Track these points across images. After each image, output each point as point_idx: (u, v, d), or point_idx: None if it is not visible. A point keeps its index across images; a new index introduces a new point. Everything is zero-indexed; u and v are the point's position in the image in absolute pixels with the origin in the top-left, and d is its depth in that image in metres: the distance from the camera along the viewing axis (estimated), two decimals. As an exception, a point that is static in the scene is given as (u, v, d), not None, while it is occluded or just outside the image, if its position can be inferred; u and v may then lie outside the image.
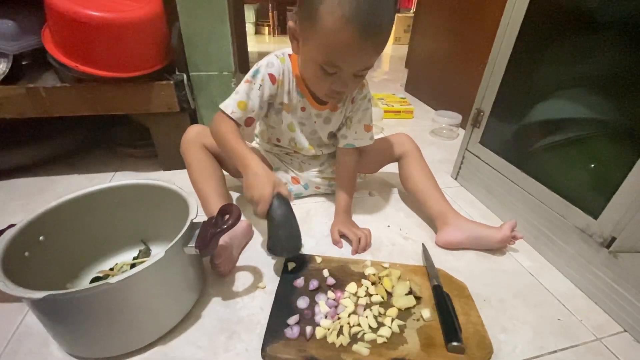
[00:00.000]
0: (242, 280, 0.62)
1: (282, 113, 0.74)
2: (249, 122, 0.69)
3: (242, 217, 0.70)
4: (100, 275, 0.60)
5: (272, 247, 0.59)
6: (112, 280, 0.40)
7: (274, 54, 0.69)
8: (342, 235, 0.72)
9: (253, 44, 3.43)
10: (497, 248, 0.70)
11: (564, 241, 0.66)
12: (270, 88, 0.68)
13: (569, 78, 0.70)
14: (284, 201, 0.58)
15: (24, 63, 0.85)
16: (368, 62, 0.59)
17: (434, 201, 0.75)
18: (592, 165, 0.66)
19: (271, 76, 0.67)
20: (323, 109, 0.74)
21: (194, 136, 0.74)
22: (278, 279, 0.61)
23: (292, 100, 0.72)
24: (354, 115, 0.76)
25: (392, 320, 0.52)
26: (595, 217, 0.59)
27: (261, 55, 0.72)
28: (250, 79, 0.67)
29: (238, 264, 0.66)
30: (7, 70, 0.80)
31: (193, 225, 0.52)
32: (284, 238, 0.58)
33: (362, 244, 0.69)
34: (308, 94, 0.71)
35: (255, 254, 0.68)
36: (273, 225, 0.57)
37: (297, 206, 0.84)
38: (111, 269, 0.61)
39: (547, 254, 0.70)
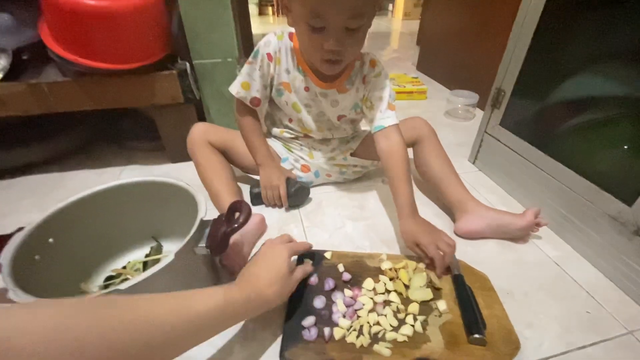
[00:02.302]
0: (255, 276, 0.61)
1: (284, 93, 0.72)
2: (255, 102, 0.72)
3: (254, 212, 0.69)
4: (114, 274, 0.59)
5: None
6: (121, 286, 0.39)
7: (272, 32, 0.69)
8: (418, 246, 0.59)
9: (257, 26, 3.33)
10: (519, 236, 0.67)
11: (592, 229, 0.62)
12: (269, 67, 0.69)
13: (601, 52, 0.64)
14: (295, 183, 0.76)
15: (24, 58, 0.83)
16: (352, 6, 0.53)
17: (452, 188, 0.71)
18: (626, 147, 0.61)
19: (268, 55, 0.68)
20: (328, 88, 0.70)
21: (199, 135, 0.73)
22: (292, 274, 0.59)
23: (293, 80, 0.70)
24: (372, 94, 0.71)
25: (414, 317, 0.50)
26: (629, 203, 0.55)
27: (266, 37, 0.70)
28: (252, 59, 0.68)
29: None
30: (9, 65, 0.79)
31: (203, 223, 0.50)
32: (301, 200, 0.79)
33: (446, 260, 0.56)
34: (310, 72, 0.69)
35: (268, 249, 0.67)
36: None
37: (310, 199, 0.81)
38: (124, 267, 0.61)
39: (574, 243, 0.66)
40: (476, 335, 0.47)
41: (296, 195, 0.76)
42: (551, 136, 0.71)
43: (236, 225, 0.48)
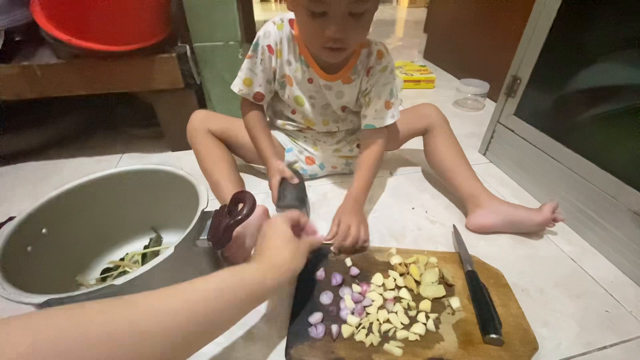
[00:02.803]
0: (259, 269, 0.59)
1: (286, 86, 0.68)
2: (259, 97, 0.69)
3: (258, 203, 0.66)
4: (111, 266, 0.57)
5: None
6: (117, 282, 0.36)
7: (271, 21, 0.64)
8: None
9: (259, 12, 3.25)
10: (534, 231, 0.64)
11: (612, 225, 0.59)
12: (270, 60, 0.65)
13: (626, 37, 0.60)
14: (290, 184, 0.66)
15: (16, 39, 0.79)
16: None
17: (465, 180, 0.68)
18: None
19: (269, 47, 0.63)
20: (333, 79, 0.66)
21: (199, 123, 0.70)
22: (297, 268, 0.57)
23: (295, 72, 0.66)
24: (372, 89, 0.67)
25: (426, 315, 0.48)
26: (655, 198, 0.52)
27: (268, 25, 0.65)
28: (252, 53, 0.65)
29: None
30: (0, 47, 0.75)
31: (204, 215, 0.47)
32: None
33: (340, 237, 0.57)
34: (313, 62, 0.64)
35: (272, 241, 0.64)
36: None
37: (313, 188, 0.79)
38: (122, 259, 0.58)
39: (591, 238, 0.63)
40: (493, 335, 0.45)
41: (286, 202, 0.65)
42: (570, 127, 0.68)
43: (239, 217, 0.45)
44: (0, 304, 0.37)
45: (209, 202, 0.49)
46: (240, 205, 0.47)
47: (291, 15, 0.62)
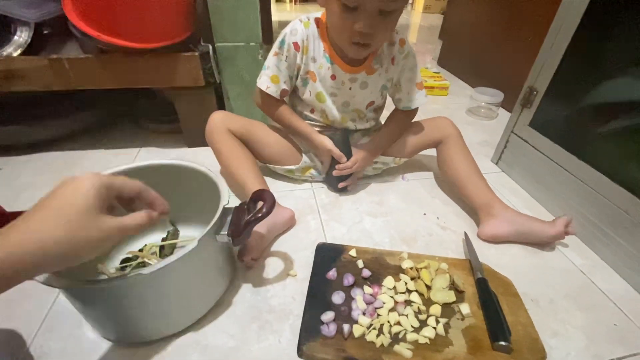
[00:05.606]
0: (272, 266, 0.60)
1: (309, 82, 0.70)
2: (284, 93, 0.71)
3: (286, 206, 0.69)
4: (130, 256, 0.59)
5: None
6: (144, 271, 0.38)
7: (298, 19, 0.67)
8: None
9: (273, 13, 3.27)
10: (546, 243, 0.65)
11: (625, 239, 0.59)
12: (295, 57, 0.67)
13: (646, 53, 0.61)
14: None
15: (45, 32, 0.82)
16: None
17: (478, 190, 0.69)
18: (666, 156, 0.58)
19: (295, 44, 0.66)
20: (357, 71, 0.68)
21: (219, 122, 0.71)
22: (310, 266, 0.58)
23: (319, 68, 0.68)
24: (402, 76, 0.72)
25: (436, 319, 0.49)
26: (669, 215, 0.53)
27: (282, 25, 0.68)
28: (277, 50, 0.67)
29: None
30: (29, 39, 0.77)
31: (225, 211, 0.49)
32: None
33: (345, 164, 0.72)
34: (337, 58, 0.67)
35: (285, 240, 0.65)
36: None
37: (325, 190, 0.80)
38: (140, 250, 0.60)
39: (603, 252, 0.63)
40: (502, 342, 0.46)
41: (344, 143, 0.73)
42: (585, 140, 0.68)
43: (260, 215, 0.46)
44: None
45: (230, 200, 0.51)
46: (260, 204, 0.48)
47: (316, 14, 0.67)
